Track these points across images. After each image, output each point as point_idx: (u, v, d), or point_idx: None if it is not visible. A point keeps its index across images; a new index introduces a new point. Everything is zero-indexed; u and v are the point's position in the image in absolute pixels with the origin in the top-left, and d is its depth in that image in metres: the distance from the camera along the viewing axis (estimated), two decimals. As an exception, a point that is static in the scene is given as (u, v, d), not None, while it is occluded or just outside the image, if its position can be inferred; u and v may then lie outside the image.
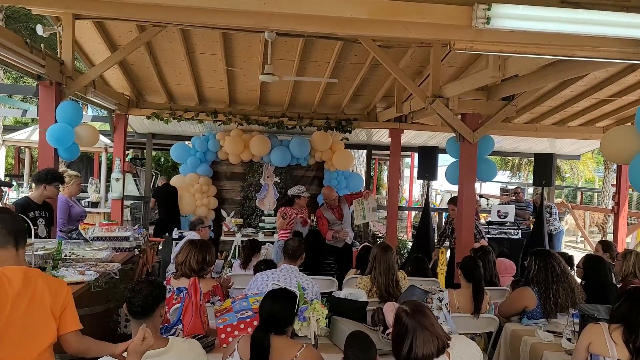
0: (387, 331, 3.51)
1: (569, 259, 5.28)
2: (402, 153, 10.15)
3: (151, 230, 8.44)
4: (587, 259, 4.53)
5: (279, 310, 2.66)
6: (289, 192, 6.91)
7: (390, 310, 3.61)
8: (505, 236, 8.81)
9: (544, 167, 8.71)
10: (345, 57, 6.79)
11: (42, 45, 4.80)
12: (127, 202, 9.61)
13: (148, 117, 8.15)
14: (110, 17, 5.58)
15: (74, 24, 5.37)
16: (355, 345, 2.66)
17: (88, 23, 5.90)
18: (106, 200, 9.09)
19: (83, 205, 7.77)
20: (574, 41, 2.97)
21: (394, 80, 7.38)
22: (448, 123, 5.76)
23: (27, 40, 4.50)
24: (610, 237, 10.83)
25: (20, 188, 8.99)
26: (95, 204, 8.95)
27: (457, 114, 5.86)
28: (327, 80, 6.43)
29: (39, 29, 5.34)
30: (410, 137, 9.86)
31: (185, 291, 3.46)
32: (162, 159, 20.91)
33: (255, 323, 3.33)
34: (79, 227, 5.21)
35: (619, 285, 4.61)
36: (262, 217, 9.04)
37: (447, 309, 3.75)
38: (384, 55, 5.74)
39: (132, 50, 5.87)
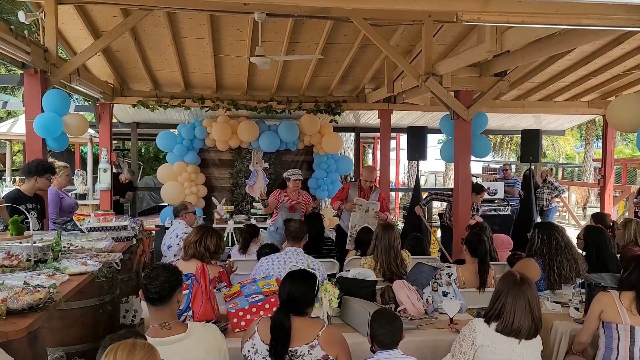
0: (399, 308, 3.51)
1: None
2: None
3: None
4: (588, 230, 4.58)
5: (298, 291, 2.63)
6: (284, 174, 6.69)
7: (400, 287, 3.62)
8: (494, 213, 8.87)
9: (531, 144, 8.80)
10: (334, 38, 6.71)
11: (25, 32, 4.64)
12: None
13: (133, 106, 7.98)
14: (93, 0, 5.41)
15: (57, 9, 5.19)
16: (382, 318, 2.65)
17: (70, 8, 5.71)
18: (94, 192, 8.90)
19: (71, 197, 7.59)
20: (580, 9, 2.95)
21: (384, 60, 7.33)
22: (442, 101, 5.74)
23: (12, 27, 4.33)
24: (595, 211, 11.00)
25: (3, 183, 8.75)
26: (82, 196, 8.77)
27: (451, 91, 5.84)
28: (317, 57, 6.30)
29: (21, 16, 5.14)
30: (397, 118, 9.85)
31: (193, 277, 3.40)
32: (143, 149, 20.62)
33: (267, 306, 3.30)
34: (74, 218, 5.08)
35: (618, 255, 4.68)
36: (253, 204, 8.99)
37: (456, 284, 3.75)
38: (375, 33, 5.67)
39: (118, 36, 5.70)
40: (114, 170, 9.32)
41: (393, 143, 18.32)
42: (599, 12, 2.93)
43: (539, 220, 9.64)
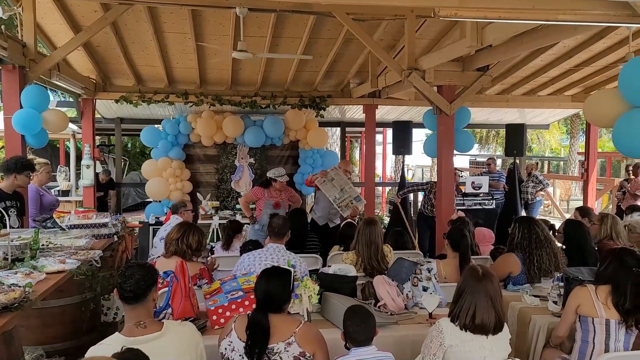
0: (379, 304, 3.52)
1: (550, 227, 5.38)
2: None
3: None
4: (567, 223, 4.62)
5: (274, 289, 2.62)
6: (267, 173, 6.69)
7: (380, 283, 3.63)
8: (479, 207, 8.91)
9: (515, 138, 8.87)
10: (318, 33, 6.68)
11: (2, 27, 4.56)
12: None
13: (116, 101, 7.91)
14: (72, -5, 5.35)
15: (35, 4, 5.11)
16: (355, 316, 2.65)
17: (49, 3, 5.65)
18: (77, 188, 8.82)
19: (53, 194, 7.51)
20: (557, 4, 2.96)
21: (368, 55, 7.31)
22: (425, 96, 5.75)
23: (-13, 21, 4.27)
24: (578, 204, 11.12)
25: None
26: (65, 193, 8.67)
27: (434, 86, 5.85)
28: (301, 57, 6.32)
29: (-2, 10, 5.06)
30: (383, 112, 9.85)
31: (172, 274, 3.39)
32: (129, 145, 20.48)
33: (247, 303, 3.29)
34: (54, 216, 5.03)
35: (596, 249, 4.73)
36: (239, 199, 8.95)
37: (435, 279, 3.78)
38: (358, 28, 5.66)
39: (98, 30, 5.62)
40: (101, 167, 9.28)
41: (380, 137, 18.37)
42: (575, 7, 2.94)
43: (523, 214, 9.72)
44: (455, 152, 7.01)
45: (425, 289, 3.68)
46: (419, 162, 22.29)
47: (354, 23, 5.64)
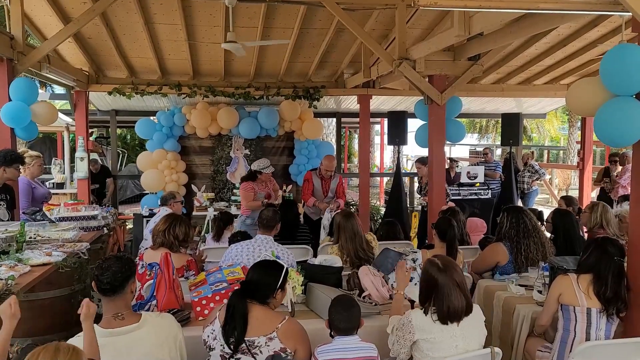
0: (363, 294, 3.54)
1: (539, 215, 5.39)
2: (371, 120, 10.07)
3: None
4: (556, 213, 4.62)
5: (259, 277, 2.66)
6: (251, 166, 6.70)
7: (365, 274, 3.63)
8: (475, 197, 8.90)
9: (511, 127, 8.83)
10: (309, 23, 6.65)
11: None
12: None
13: (109, 93, 7.89)
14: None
15: (23, -4, 5.10)
16: (339, 305, 2.67)
17: (37, -5, 5.62)
18: (72, 181, 8.84)
19: (47, 186, 7.53)
20: (538, -7, 2.94)
21: (360, 45, 7.28)
22: (416, 85, 5.73)
23: (-28, 14, 4.25)
24: (575, 193, 11.10)
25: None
26: (60, 185, 8.69)
27: (425, 75, 5.82)
28: (284, 42, 6.27)
29: (-16, 3, 5.05)
30: (379, 102, 9.82)
31: (158, 266, 3.40)
32: (128, 137, 20.46)
33: (230, 294, 3.31)
34: (44, 209, 5.05)
35: (585, 237, 4.73)
36: (234, 190, 8.96)
37: (421, 269, 3.77)
38: (349, 18, 5.63)
39: (87, 21, 5.58)
40: (98, 159, 9.27)
41: (378, 128, 18.33)
42: (556, -4, 2.92)
43: (520, 203, 9.71)
44: (448, 142, 7.02)
45: (410, 279, 3.68)
46: (418, 153, 22.27)
47: (344, 13, 5.60)
